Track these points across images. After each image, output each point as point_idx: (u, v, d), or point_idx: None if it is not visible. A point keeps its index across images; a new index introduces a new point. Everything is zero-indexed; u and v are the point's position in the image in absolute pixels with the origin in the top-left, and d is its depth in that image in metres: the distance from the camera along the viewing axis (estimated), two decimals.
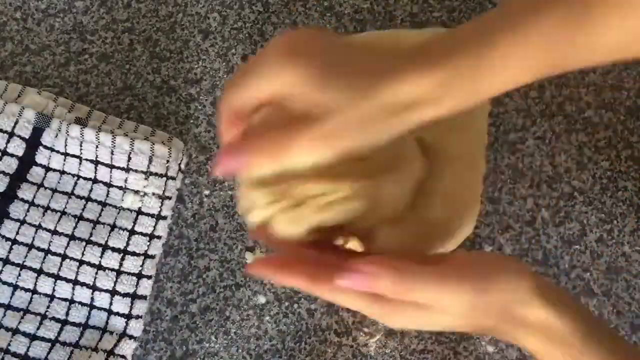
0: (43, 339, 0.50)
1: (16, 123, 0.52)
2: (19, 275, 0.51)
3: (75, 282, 0.51)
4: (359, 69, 0.33)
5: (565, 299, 0.36)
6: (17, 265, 0.51)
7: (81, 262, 0.51)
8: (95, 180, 0.53)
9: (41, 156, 0.53)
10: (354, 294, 0.36)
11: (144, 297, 0.51)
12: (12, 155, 0.53)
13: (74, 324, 0.51)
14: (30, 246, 0.51)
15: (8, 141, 0.52)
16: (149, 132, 0.54)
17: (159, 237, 0.52)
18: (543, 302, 0.35)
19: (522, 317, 0.35)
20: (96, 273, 0.51)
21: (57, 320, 0.51)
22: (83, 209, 0.52)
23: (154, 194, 0.52)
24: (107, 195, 0.53)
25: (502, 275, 0.35)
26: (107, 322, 0.51)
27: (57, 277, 0.51)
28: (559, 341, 0.35)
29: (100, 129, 0.52)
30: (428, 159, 0.42)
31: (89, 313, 0.51)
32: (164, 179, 0.52)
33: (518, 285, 0.35)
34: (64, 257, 0.51)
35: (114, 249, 0.51)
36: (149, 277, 0.51)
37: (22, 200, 0.52)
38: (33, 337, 0.50)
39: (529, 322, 0.35)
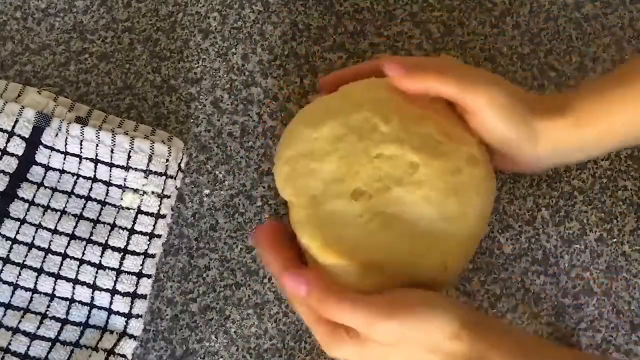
0: (43, 338, 0.50)
1: (16, 122, 0.52)
2: (19, 274, 0.51)
3: (76, 282, 0.51)
4: None
5: (490, 333, 0.39)
6: (18, 264, 0.51)
7: (81, 262, 0.51)
8: (94, 179, 0.53)
9: (41, 155, 0.53)
10: (306, 305, 0.40)
11: (144, 296, 0.51)
12: (12, 155, 0.53)
13: (74, 323, 0.51)
14: (31, 245, 0.51)
15: (8, 140, 0.52)
16: (149, 131, 0.54)
17: (158, 236, 0.52)
18: (470, 337, 0.37)
19: (450, 351, 0.37)
20: (96, 272, 0.51)
21: (57, 319, 0.51)
22: (83, 208, 0.52)
23: (153, 192, 0.52)
24: (107, 194, 0.53)
25: (430, 314, 0.37)
26: (107, 322, 0.51)
27: (57, 277, 0.51)
28: None
29: (100, 128, 0.52)
30: None
31: (89, 312, 0.51)
32: (163, 177, 0.52)
33: (447, 324, 0.37)
34: (64, 256, 0.51)
35: (114, 248, 0.51)
36: (149, 276, 0.51)
37: (22, 199, 0.52)
38: (33, 337, 0.50)
39: (456, 355, 0.38)
